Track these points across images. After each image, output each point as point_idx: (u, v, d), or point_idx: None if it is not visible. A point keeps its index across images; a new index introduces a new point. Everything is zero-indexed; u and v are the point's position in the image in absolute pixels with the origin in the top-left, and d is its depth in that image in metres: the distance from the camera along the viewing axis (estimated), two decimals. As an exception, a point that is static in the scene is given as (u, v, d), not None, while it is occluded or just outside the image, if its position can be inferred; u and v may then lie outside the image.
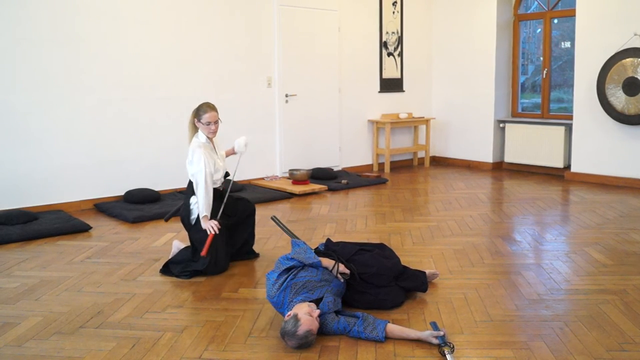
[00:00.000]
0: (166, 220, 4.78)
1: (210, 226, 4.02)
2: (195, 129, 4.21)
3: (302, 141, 8.06)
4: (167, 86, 6.80)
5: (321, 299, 3.19)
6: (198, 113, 4.15)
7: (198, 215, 4.13)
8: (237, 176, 7.27)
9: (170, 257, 4.32)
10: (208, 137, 4.18)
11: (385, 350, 2.96)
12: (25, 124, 5.91)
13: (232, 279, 4.06)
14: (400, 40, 9.09)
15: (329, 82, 8.29)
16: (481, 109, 8.89)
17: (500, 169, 8.87)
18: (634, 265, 4.25)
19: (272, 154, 7.84)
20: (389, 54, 8.99)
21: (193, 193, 4.17)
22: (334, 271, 3.40)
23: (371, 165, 8.96)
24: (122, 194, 6.46)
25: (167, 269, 4.15)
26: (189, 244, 4.33)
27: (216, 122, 4.15)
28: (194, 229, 4.19)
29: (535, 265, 4.30)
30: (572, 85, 7.84)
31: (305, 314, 2.97)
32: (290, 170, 7.43)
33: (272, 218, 4.28)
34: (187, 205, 4.22)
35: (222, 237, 4.16)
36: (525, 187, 7.38)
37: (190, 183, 4.19)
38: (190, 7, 6.90)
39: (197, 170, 4.03)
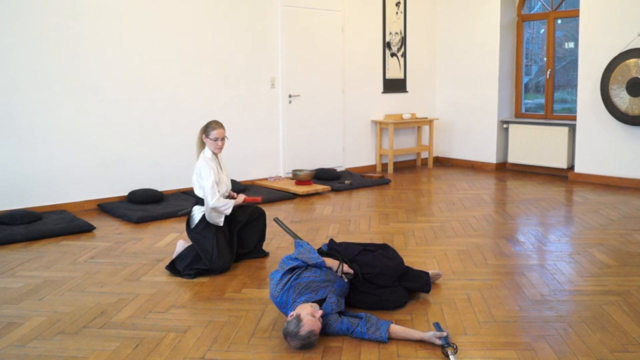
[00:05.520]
0: (178, 216, 5.06)
1: (243, 199, 4.40)
2: (203, 145, 4.39)
3: (306, 142, 8.07)
4: (171, 86, 6.81)
5: (324, 299, 3.19)
6: (207, 129, 4.32)
7: (198, 222, 4.29)
8: (240, 177, 7.34)
9: (174, 255, 4.35)
10: (214, 153, 4.36)
11: (389, 351, 2.96)
12: (29, 124, 5.92)
13: (236, 279, 4.07)
14: (403, 41, 9.09)
15: (333, 83, 8.29)
16: (485, 109, 8.88)
17: (504, 169, 8.86)
18: (637, 266, 4.24)
19: (275, 154, 7.84)
20: (392, 55, 8.98)
21: (197, 203, 4.36)
22: (339, 271, 3.41)
23: (374, 166, 8.96)
24: (126, 194, 6.48)
25: (173, 266, 4.21)
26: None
27: (223, 139, 4.34)
28: (193, 232, 4.32)
29: (539, 266, 4.29)
30: (575, 86, 7.82)
31: (307, 314, 2.97)
32: (293, 170, 7.44)
33: (274, 220, 4.30)
34: (190, 212, 4.41)
35: (224, 236, 4.31)
36: (529, 187, 7.37)
37: (197, 196, 4.37)
38: (193, 8, 6.90)
39: (207, 183, 4.20)
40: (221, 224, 4.31)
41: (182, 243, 4.46)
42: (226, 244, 4.29)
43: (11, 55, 5.76)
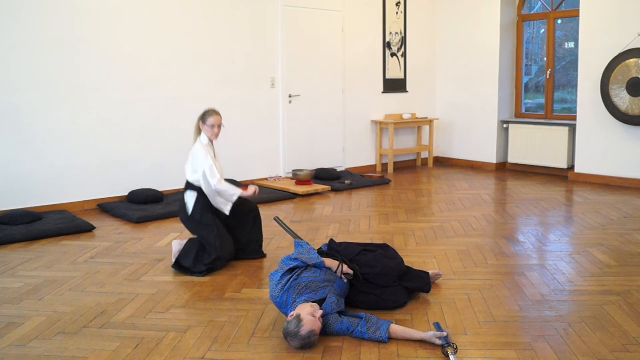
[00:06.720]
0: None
1: (253, 191, 4.42)
2: (199, 132, 4.44)
3: (306, 142, 8.07)
4: (171, 87, 6.81)
5: (324, 299, 3.19)
6: (204, 117, 4.41)
7: (193, 208, 4.33)
8: (240, 177, 7.34)
9: (173, 257, 4.34)
10: (210, 140, 4.42)
11: (389, 351, 2.96)
12: (30, 125, 5.92)
13: (236, 280, 4.07)
14: (403, 41, 9.09)
15: (333, 83, 8.29)
16: (485, 109, 8.88)
17: (504, 169, 8.86)
18: (638, 266, 4.24)
19: (275, 154, 7.84)
20: (393, 55, 8.98)
21: (189, 189, 4.40)
22: (338, 272, 3.41)
23: (375, 166, 8.96)
24: (126, 194, 6.48)
25: (179, 265, 4.23)
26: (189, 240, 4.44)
27: (219, 127, 4.42)
28: (191, 220, 4.36)
29: (539, 266, 4.29)
30: (576, 86, 7.82)
31: (308, 314, 2.97)
32: (293, 170, 7.44)
33: (274, 219, 4.30)
34: (183, 200, 4.45)
35: (222, 224, 4.41)
36: (529, 187, 7.37)
37: (188, 182, 4.41)
38: (194, 8, 6.90)
39: (207, 165, 4.26)
40: (227, 212, 4.38)
41: (177, 243, 4.44)
42: (226, 232, 4.37)
43: (11, 55, 5.76)
